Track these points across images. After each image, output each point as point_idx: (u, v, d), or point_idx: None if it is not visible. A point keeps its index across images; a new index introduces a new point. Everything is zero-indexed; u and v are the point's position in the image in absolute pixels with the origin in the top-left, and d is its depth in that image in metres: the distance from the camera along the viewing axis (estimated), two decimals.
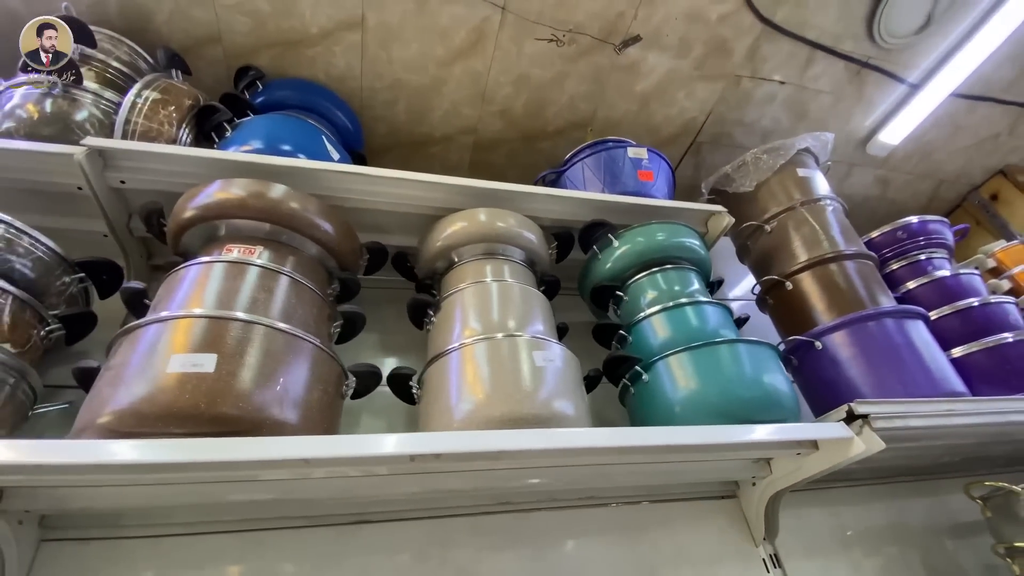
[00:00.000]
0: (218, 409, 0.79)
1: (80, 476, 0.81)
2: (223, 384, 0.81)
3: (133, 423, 0.77)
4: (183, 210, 1.10)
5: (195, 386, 0.79)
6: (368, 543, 1.08)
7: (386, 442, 0.83)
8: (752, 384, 1.11)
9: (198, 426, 0.78)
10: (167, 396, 0.77)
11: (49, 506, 0.91)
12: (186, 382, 0.79)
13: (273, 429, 0.83)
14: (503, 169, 1.94)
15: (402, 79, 1.65)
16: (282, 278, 1.05)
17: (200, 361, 0.81)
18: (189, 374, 0.80)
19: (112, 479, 0.83)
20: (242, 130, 1.30)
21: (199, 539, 1.02)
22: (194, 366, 0.81)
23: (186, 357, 0.81)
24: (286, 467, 0.84)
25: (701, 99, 1.82)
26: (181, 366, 0.80)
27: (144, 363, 0.81)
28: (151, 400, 0.77)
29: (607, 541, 1.21)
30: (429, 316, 1.21)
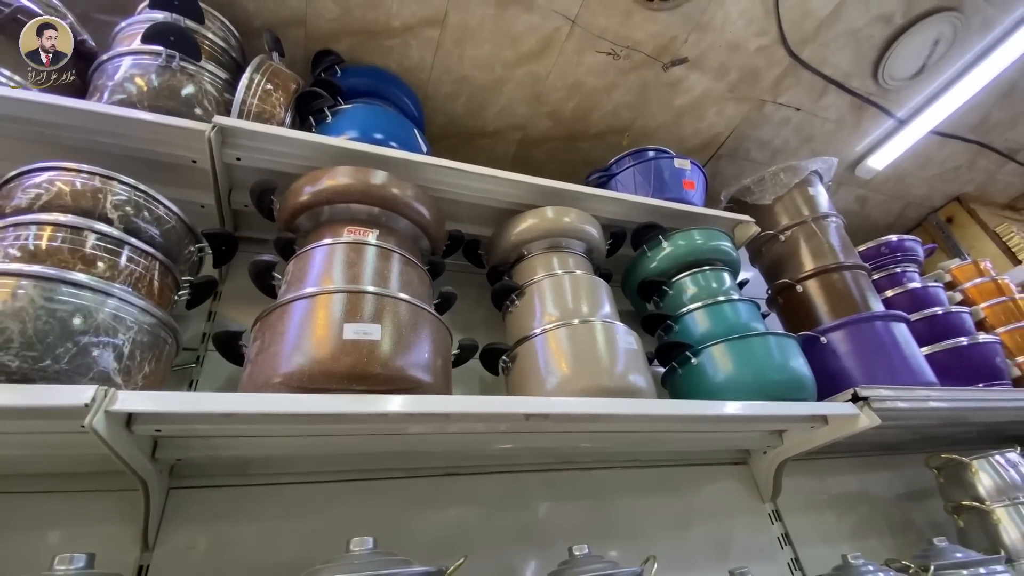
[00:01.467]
0: (386, 371, 0.94)
1: (259, 426, 0.93)
2: (387, 350, 0.95)
3: (315, 382, 0.90)
4: (302, 192, 1.21)
5: (369, 351, 0.93)
6: (460, 492, 1.25)
7: (518, 403, 1.01)
8: (781, 369, 1.34)
9: (371, 384, 0.93)
10: (346, 359, 0.91)
11: (201, 455, 1.02)
12: (361, 347, 0.93)
13: (421, 389, 0.99)
14: (543, 164, 2.10)
15: (468, 76, 1.76)
16: (396, 256, 1.18)
17: (370, 330, 0.95)
18: (363, 340, 0.93)
19: (286, 429, 0.96)
20: (341, 117, 1.39)
21: (317, 486, 1.16)
22: (365, 334, 0.94)
23: (359, 326, 0.95)
24: (432, 421, 0.99)
25: (728, 117, 2.04)
26: (355, 334, 0.94)
27: (316, 331, 0.94)
28: (330, 362, 0.91)
29: (649, 496, 1.44)
30: (512, 300, 1.37)
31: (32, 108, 1.11)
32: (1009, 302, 2.08)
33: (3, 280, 0.79)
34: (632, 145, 1.98)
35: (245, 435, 0.99)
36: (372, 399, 0.88)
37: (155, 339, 0.94)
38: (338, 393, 0.89)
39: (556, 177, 1.53)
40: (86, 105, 1.13)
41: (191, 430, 0.91)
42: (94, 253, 0.93)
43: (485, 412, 0.97)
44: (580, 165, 2.09)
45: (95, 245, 0.94)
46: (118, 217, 1.00)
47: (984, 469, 1.53)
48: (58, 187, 0.97)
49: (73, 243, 0.92)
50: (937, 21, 1.81)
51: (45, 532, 0.97)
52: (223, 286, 1.40)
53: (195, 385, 1.23)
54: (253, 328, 1.04)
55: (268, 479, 1.14)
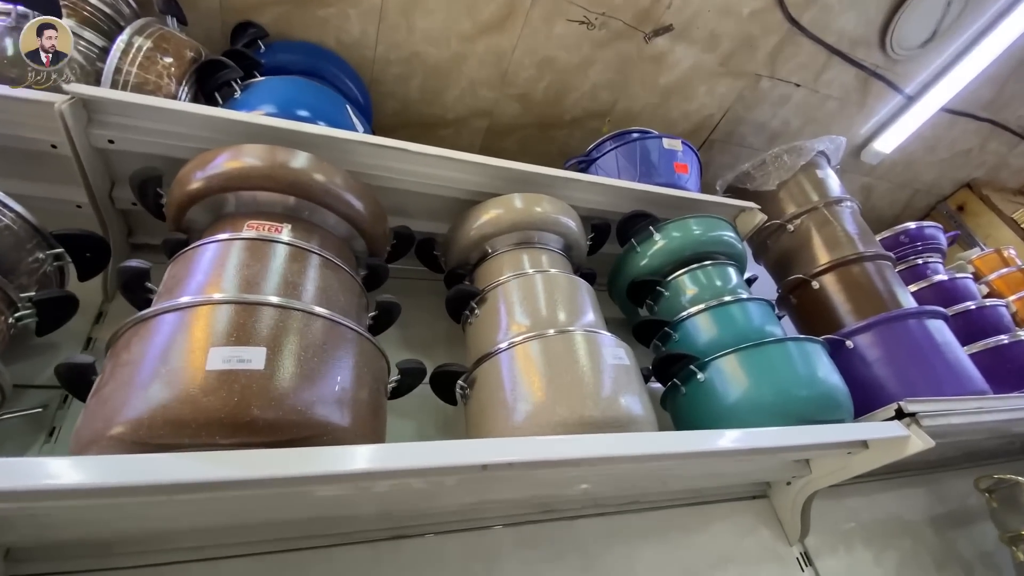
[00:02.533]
0: (273, 413, 0.66)
1: (93, 501, 0.65)
2: (275, 383, 0.68)
3: (165, 432, 0.62)
4: (191, 179, 0.94)
5: (244, 386, 0.65)
6: (408, 560, 0.96)
7: (469, 450, 0.73)
8: (809, 383, 1.08)
9: (246, 434, 0.65)
10: (211, 399, 0.63)
11: (28, 538, 0.73)
12: (232, 381, 0.65)
13: (333, 435, 0.71)
14: (514, 156, 1.80)
15: (420, 52, 1.51)
16: (315, 258, 0.91)
17: (247, 356, 0.67)
18: (235, 371, 0.66)
19: (133, 502, 0.67)
20: (253, 91, 1.14)
21: (210, 565, 0.87)
22: (240, 362, 0.67)
23: (230, 351, 0.67)
24: (355, 480, 0.72)
25: (720, 95, 1.81)
26: (224, 362, 0.66)
27: (172, 359, 0.66)
28: (190, 404, 0.63)
29: (652, 546, 1.16)
30: (472, 309, 1.10)
31: None
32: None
33: None
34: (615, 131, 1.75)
35: (86, 511, 0.70)
36: (226, 461, 0.59)
37: None
38: (193, 451, 0.61)
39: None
40: None
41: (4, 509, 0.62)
42: None
43: (415, 467, 0.69)
44: (557, 156, 1.85)
45: None
46: None
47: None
48: None
49: None
50: None
51: None
52: (109, 305, 1.12)
53: (57, 434, 0.94)
54: (106, 355, 0.76)
55: (141, 560, 0.84)
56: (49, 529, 0.74)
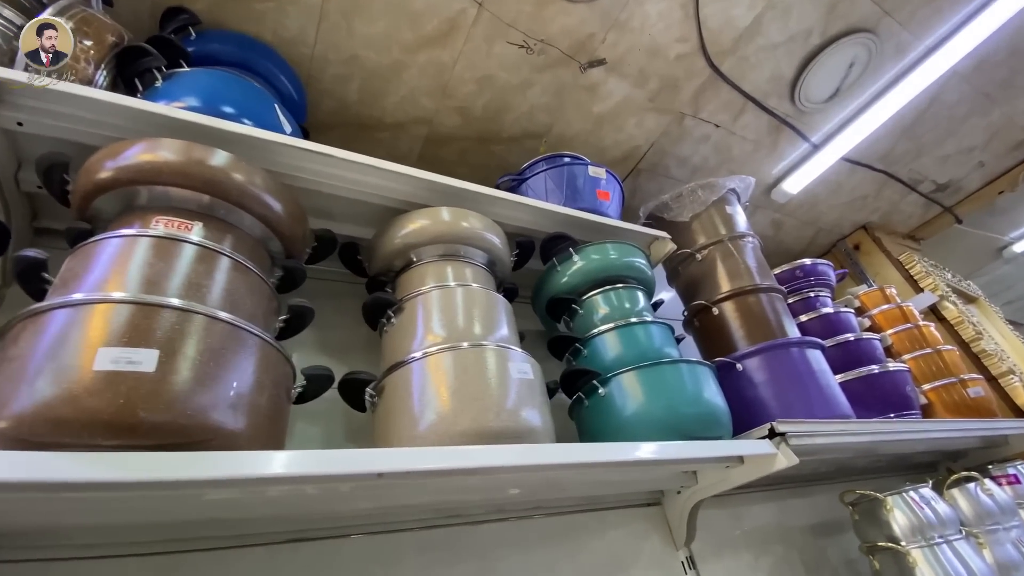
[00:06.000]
0: (160, 416, 0.66)
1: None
2: (165, 386, 0.68)
3: (45, 431, 0.62)
4: (100, 168, 0.91)
5: (131, 388, 0.65)
6: (306, 562, 0.98)
7: (363, 459, 0.77)
8: (694, 401, 1.19)
9: (133, 437, 0.65)
10: (95, 400, 0.63)
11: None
12: (119, 382, 0.65)
13: (224, 440, 0.72)
14: (453, 166, 1.89)
15: (360, 56, 1.53)
16: (224, 260, 0.91)
17: (138, 358, 0.67)
18: (123, 373, 0.66)
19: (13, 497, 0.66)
20: (177, 82, 1.11)
21: (102, 563, 0.85)
22: (129, 363, 0.67)
23: (119, 352, 0.67)
24: (241, 485, 0.73)
25: (648, 129, 1.93)
26: (113, 363, 0.66)
27: (60, 356, 0.66)
28: (72, 403, 0.63)
29: (550, 550, 1.23)
30: (388, 317, 1.13)
31: None
32: (914, 328, 2.10)
33: None
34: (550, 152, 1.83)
35: None
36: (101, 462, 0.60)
37: None
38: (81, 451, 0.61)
39: (469, 181, 1.33)
40: None
41: None
42: None
43: (309, 474, 0.71)
44: (495, 170, 1.90)
45: None
46: None
47: (899, 506, 1.45)
48: None
49: None
50: (853, 42, 1.80)
51: None
52: (8, 291, 1.06)
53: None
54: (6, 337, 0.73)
55: (26, 553, 0.81)
56: None
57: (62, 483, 0.59)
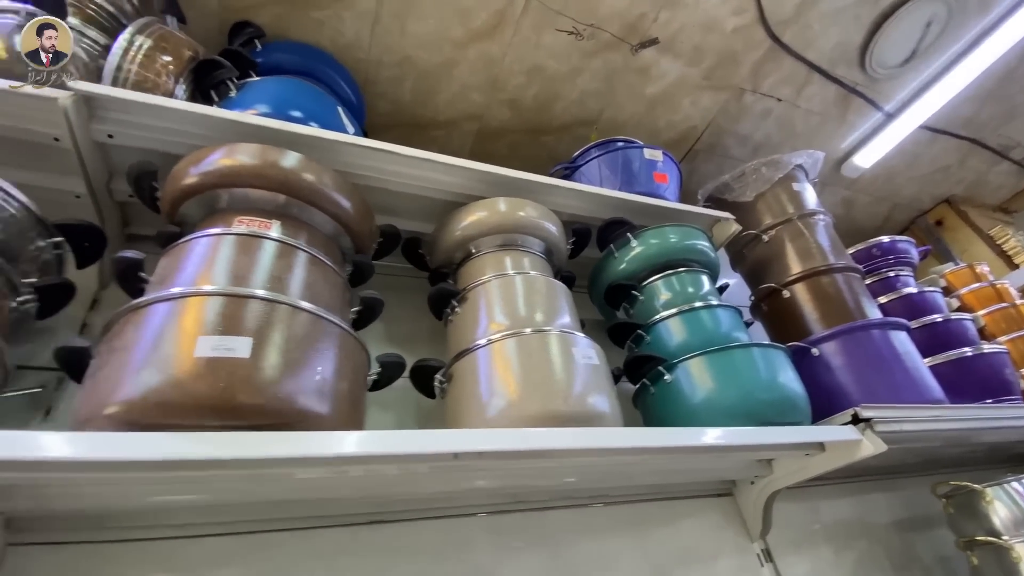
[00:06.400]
0: (255, 399, 0.71)
1: (88, 474, 0.70)
2: (259, 372, 0.72)
3: (154, 414, 0.67)
4: (185, 175, 0.98)
5: (230, 373, 0.70)
6: (385, 544, 1.02)
7: (441, 439, 0.79)
8: (769, 387, 1.14)
9: (232, 418, 0.70)
10: (198, 384, 0.68)
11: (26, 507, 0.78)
12: (219, 368, 0.70)
13: (311, 423, 0.76)
14: (504, 160, 1.86)
15: (412, 56, 1.56)
16: (302, 255, 0.96)
17: (233, 345, 0.72)
18: (222, 359, 0.71)
19: (125, 477, 0.72)
20: (249, 91, 1.18)
21: (195, 542, 0.92)
22: (227, 350, 0.71)
23: (217, 340, 0.72)
24: (328, 464, 0.77)
25: (704, 108, 1.86)
26: (213, 350, 0.71)
27: (163, 345, 0.71)
28: (178, 388, 0.68)
29: (618, 539, 1.21)
30: (453, 307, 1.15)
31: None
32: (1010, 308, 1.92)
33: None
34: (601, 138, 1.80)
35: (81, 484, 0.75)
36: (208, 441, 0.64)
37: None
38: (186, 431, 0.66)
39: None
40: None
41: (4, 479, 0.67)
42: None
43: (390, 453, 0.74)
44: (546, 161, 1.89)
45: None
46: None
47: (1000, 498, 1.33)
48: None
49: None
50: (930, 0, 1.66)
51: None
52: (104, 292, 1.16)
53: (51, 413, 0.98)
54: (99, 340, 0.80)
55: (130, 533, 0.89)
56: (47, 500, 0.78)
57: (170, 461, 0.65)
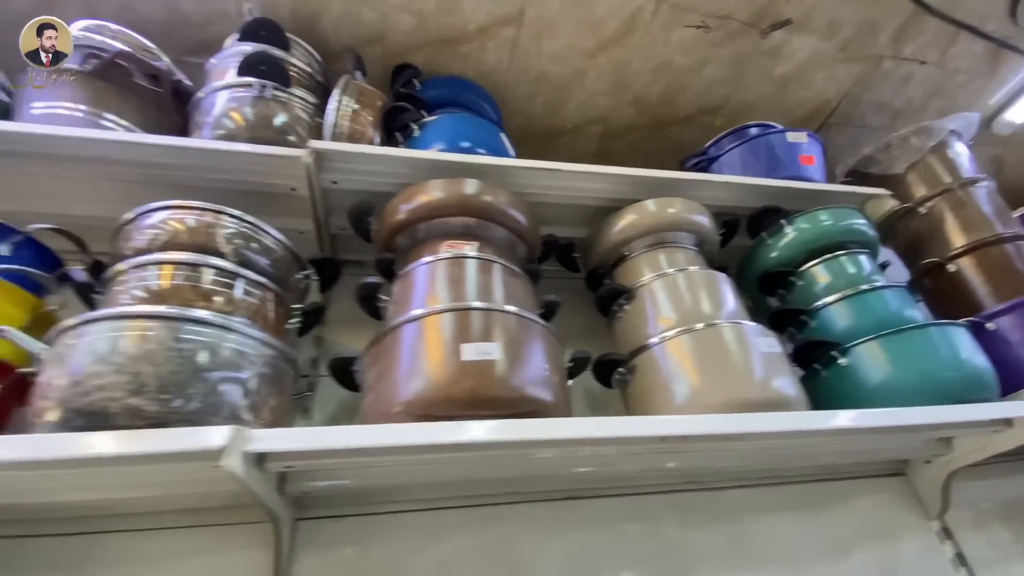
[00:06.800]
0: (507, 392, 0.86)
1: (383, 457, 0.88)
2: (506, 369, 0.88)
3: (443, 407, 0.84)
4: (397, 211, 1.17)
5: (489, 372, 0.86)
6: (584, 517, 1.15)
7: (657, 424, 0.90)
8: (954, 364, 1.14)
9: (493, 407, 0.86)
10: (470, 381, 0.85)
11: (325, 486, 0.99)
12: (481, 368, 0.86)
13: (544, 410, 0.90)
14: (626, 156, 1.95)
15: (546, 72, 1.67)
16: (497, 267, 1.11)
17: (489, 349, 0.88)
18: (482, 361, 0.86)
19: (409, 459, 0.90)
20: (429, 130, 1.34)
21: (438, 513, 1.10)
22: (485, 354, 0.87)
23: (477, 346, 0.88)
24: (567, 446, 0.90)
25: (838, 80, 1.81)
26: (475, 355, 0.87)
27: (434, 353, 0.88)
28: (455, 384, 0.85)
29: (793, 517, 1.27)
30: (621, 305, 1.25)
31: (139, 150, 1.14)
32: None
33: (130, 323, 0.79)
34: (727, 125, 1.81)
35: (368, 466, 0.95)
36: (504, 427, 0.80)
37: (276, 371, 0.92)
38: (461, 420, 0.82)
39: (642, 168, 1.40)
40: (189, 142, 1.15)
41: (319, 464, 0.87)
42: (212, 288, 0.93)
43: (622, 436, 0.86)
44: (668, 153, 1.94)
45: (213, 280, 0.94)
46: (231, 250, 1.00)
47: None
48: (173, 226, 0.98)
49: (192, 280, 0.92)
50: None
51: (183, 567, 0.98)
52: (328, 311, 1.39)
53: (311, 412, 1.22)
54: (367, 353, 1.00)
55: (389, 507, 1.09)
56: (336, 480, 0.99)
57: (448, 444, 0.81)
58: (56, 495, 0.92)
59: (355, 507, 1.08)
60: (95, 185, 1.17)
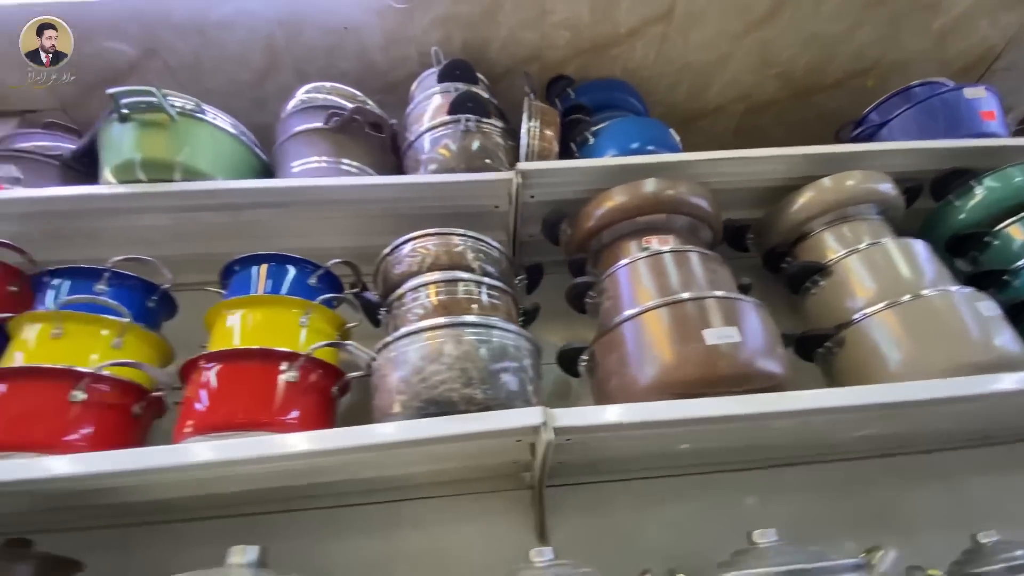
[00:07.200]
0: (748, 370, 0.98)
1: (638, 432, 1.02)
2: (748, 348, 0.99)
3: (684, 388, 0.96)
4: (591, 217, 1.31)
5: (734, 352, 0.97)
6: (802, 482, 1.24)
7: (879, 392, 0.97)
8: None
9: (736, 385, 0.97)
10: (715, 363, 0.96)
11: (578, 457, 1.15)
12: (724, 350, 0.97)
13: (778, 382, 1.00)
14: (770, 129, 1.98)
15: (691, 62, 1.73)
16: (712, 258, 1.21)
17: (730, 333, 0.99)
18: (725, 344, 0.98)
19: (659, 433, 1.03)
20: (602, 136, 1.47)
21: (666, 480, 1.24)
22: (727, 337, 0.99)
23: (719, 331, 0.99)
24: (803, 416, 0.99)
25: (1004, 25, 1.70)
26: (717, 338, 0.99)
27: (678, 339, 1.00)
28: (703, 367, 0.97)
29: (1013, 477, 1.27)
30: (815, 282, 1.30)
31: (377, 190, 1.36)
32: None
33: (445, 332, 0.98)
34: (879, 85, 1.77)
35: (620, 439, 1.08)
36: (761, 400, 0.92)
37: (535, 360, 1.09)
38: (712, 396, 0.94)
39: (787, 141, 1.43)
40: (420, 178, 1.36)
41: (591, 438, 1.03)
42: (479, 298, 1.12)
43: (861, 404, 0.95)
44: (813, 122, 1.93)
45: (477, 291, 1.12)
46: (477, 266, 1.19)
47: None
48: (432, 250, 1.19)
49: (467, 292, 1.11)
50: None
51: (464, 528, 1.19)
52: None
53: None
54: (598, 343, 1.14)
55: (620, 476, 1.24)
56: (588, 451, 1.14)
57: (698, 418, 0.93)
58: (363, 472, 1.14)
59: (590, 476, 1.23)
60: (343, 222, 1.41)
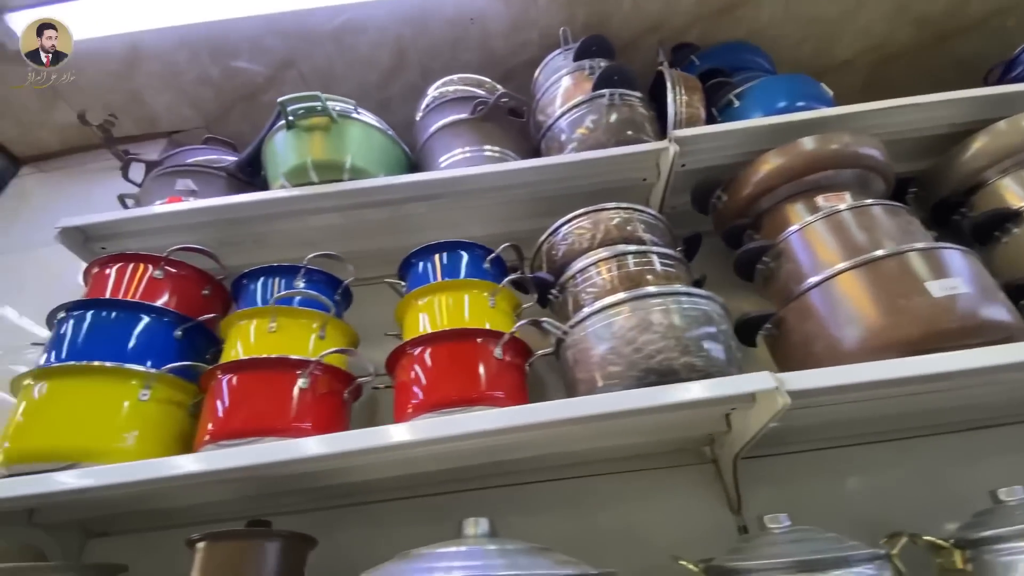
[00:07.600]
0: (986, 320, 0.92)
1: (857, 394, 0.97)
2: (978, 299, 0.93)
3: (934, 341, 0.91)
4: (749, 182, 1.26)
5: (964, 303, 0.92)
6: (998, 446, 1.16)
7: None
8: None
9: (973, 337, 0.91)
10: (946, 315, 0.91)
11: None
12: (953, 302, 0.92)
13: (1014, 335, 0.94)
14: (901, 79, 1.86)
15: (819, 15, 1.65)
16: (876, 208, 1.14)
17: (955, 283, 0.94)
18: (953, 295, 0.93)
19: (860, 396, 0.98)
20: (748, 98, 1.42)
21: (861, 448, 1.17)
22: (952, 288, 0.93)
23: (942, 282, 0.94)
24: None
25: None
26: (942, 290, 0.93)
27: (897, 296, 0.95)
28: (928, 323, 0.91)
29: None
30: (1007, 229, 1.22)
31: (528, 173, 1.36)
32: None
33: (649, 301, 0.97)
34: (1022, 23, 1.64)
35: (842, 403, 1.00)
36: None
37: (730, 326, 1.06)
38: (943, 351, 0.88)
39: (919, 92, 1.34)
40: (570, 158, 1.34)
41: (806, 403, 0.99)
42: (655, 268, 1.11)
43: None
44: (949, 69, 1.80)
45: (656, 262, 1.11)
46: (647, 238, 1.18)
47: None
48: (603, 225, 1.19)
49: (647, 264, 1.10)
50: None
51: (653, 502, 1.18)
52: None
53: None
54: (788, 308, 1.10)
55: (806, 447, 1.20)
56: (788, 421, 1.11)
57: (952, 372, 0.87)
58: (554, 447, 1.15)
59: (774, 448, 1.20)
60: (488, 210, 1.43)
